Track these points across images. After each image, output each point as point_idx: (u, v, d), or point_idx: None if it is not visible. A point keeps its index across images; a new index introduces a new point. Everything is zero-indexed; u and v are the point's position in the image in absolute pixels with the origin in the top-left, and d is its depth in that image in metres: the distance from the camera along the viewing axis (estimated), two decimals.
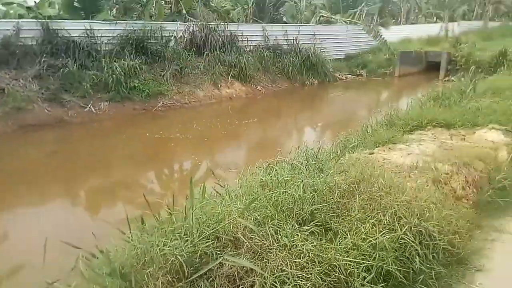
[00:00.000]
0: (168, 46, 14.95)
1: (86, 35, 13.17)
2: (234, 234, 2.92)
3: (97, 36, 13.39)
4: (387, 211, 3.34)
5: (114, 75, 12.42)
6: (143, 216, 3.65)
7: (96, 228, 5.03)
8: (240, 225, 2.96)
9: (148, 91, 13.09)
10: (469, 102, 7.86)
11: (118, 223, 3.85)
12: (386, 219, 3.26)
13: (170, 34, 15.38)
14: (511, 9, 40.69)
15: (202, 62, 15.38)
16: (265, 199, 3.40)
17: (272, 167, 4.24)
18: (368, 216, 3.32)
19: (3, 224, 6.29)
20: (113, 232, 3.70)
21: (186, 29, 15.86)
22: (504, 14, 40.28)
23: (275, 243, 2.85)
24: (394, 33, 25.00)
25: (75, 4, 15.20)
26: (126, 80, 12.70)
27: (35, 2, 18.28)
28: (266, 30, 18.34)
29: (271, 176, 4.02)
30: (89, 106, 11.84)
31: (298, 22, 22.56)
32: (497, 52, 17.42)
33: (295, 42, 18.74)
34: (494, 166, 5.10)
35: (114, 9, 19.04)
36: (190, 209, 2.84)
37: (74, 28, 13.09)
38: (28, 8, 17.58)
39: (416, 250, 3.11)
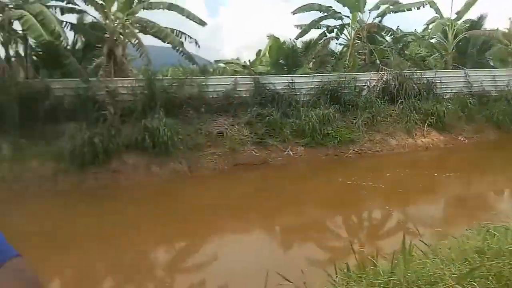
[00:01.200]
0: (361, 95, 15.32)
1: (288, 87, 14.80)
2: None
3: (297, 88, 14.88)
4: None
5: (310, 123, 13.44)
6: (348, 263, 3.82)
7: (301, 265, 5.46)
8: None
9: (340, 138, 13.60)
10: None
11: (321, 264, 4.13)
12: None
13: (363, 84, 15.75)
14: None
15: (395, 110, 15.09)
16: (485, 268, 3.09)
17: (491, 232, 3.81)
18: None
19: (215, 248, 7.47)
20: (319, 272, 3.98)
21: (380, 78, 15.97)
22: None
23: None
24: None
25: (281, 61, 17.36)
26: (320, 127, 13.54)
27: (249, 60, 21.81)
28: (469, 76, 16.78)
29: (489, 243, 3.63)
30: (288, 150, 13.07)
31: (511, 66, 19.75)
32: None
33: (506, 88, 16.47)
34: None
35: (311, 63, 20.85)
36: (398, 265, 2.84)
37: (278, 82, 14.89)
38: (244, 66, 21.11)
39: None
